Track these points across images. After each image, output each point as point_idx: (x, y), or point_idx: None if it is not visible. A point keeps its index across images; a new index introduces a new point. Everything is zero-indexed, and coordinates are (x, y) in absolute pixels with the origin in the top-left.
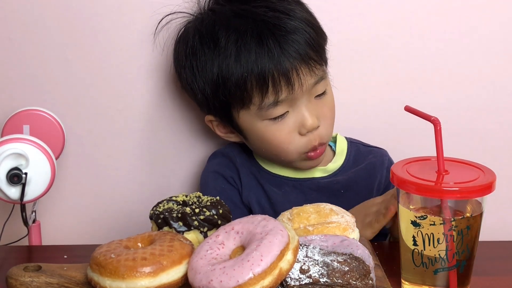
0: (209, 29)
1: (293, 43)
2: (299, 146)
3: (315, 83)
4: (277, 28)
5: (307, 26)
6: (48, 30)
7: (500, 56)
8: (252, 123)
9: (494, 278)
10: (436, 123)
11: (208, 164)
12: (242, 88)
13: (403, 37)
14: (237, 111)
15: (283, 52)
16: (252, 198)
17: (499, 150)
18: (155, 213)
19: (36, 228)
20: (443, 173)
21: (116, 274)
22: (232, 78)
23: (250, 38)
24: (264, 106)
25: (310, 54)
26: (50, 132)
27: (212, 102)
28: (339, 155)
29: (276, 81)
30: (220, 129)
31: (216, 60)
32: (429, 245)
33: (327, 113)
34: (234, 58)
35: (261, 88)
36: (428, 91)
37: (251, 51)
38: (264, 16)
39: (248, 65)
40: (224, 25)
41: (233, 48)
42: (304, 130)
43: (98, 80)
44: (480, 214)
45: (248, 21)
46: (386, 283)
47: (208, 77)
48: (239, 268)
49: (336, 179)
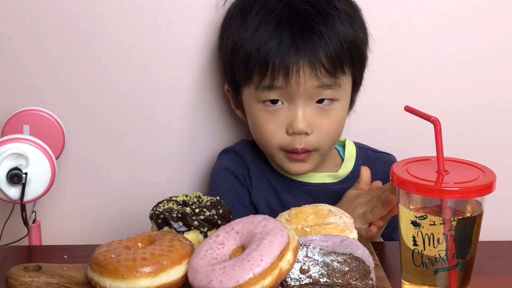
0: (250, 2)
1: (308, 43)
2: (281, 143)
3: (317, 87)
4: (301, 21)
5: (337, 40)
6: (48, 30)
7: (500, 56)
8: (250, 102)
9: (494, 278)
10: (436, 123)
11: (219, 160)
12: (246, 63)
13: (403, 37)
14: (242, 86)
15: (292, 43)
16: (260, 199)
17: (499, 150)
18: (155, 213)
19: (36, 228)
20: (443, 173)
21: (116, 274)
22: (242, 50)
23: (272, 20)
24: (260, 88)
25: (321, 59)
26: (50, 132)
27: (227, 71)
28: (348, 160)
29: (275, 68)
30: (233, 101)
31: (239, 30)
32: (429, 245)
33: (325, 126)
34: (250, 33)
35: (261, 69)
36: (428, 91)
37: (266, 31)
38: (298, 7)
39: (258, 43)
40: (262, 2)
41: (255, 23)
42: (291, 130)
43: (98, 80)
44: (480, 214)
45: (281, 4)
46: (386, 283)
47: (229, 44)
48: (239, 268)
49: (347, 186)
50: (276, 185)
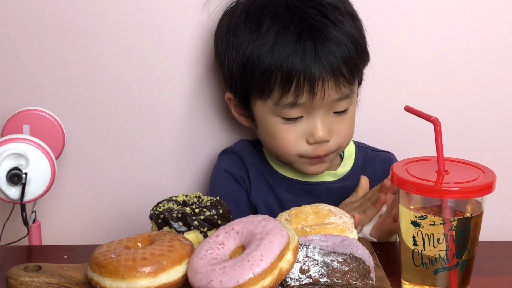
0: (257, 12)
1: (329, 53)
2: (302, 152)
3: (338, 99)
4: (319, 34)
5: (349, 42)
6: (48, 30)
7: (500, 56)
8: (265, 115)
9: (494, 278)
10: (436, 123)
11: (219, 161)
12: (266, 79)
13: (403, 37)
14: (255, 99)
15: (316, 58)
16: (259, 200)
17: (499, 150)
18: (155, 213)
19: (36, 228)
20: (443, 173)
21: (116, 274)
22: (260, 66)
23: (291, 34)
24: (281, 104)
25: (342, 70)
26: (50, 132)
27: (235, 82)
28: (348, 159)
29: (300, 84)
30: (236, 109)
31: (252, 44)
32: (429, 245)
33: (342, 130)
34: (268, 48)
35: (284, 85)
36: (428, 91)
37: (287, 47)
38: (312, 18)
39: (280, 59)
40: (272, 13)
41: (271, 37)
42: (312, 140)
43: (98, 80)
44: (480, 214)
45: (295, 17)
46: (386, 283)
47: (239, 57)
48: (239, 268)
49: (346, 184)
50: (275, 185)
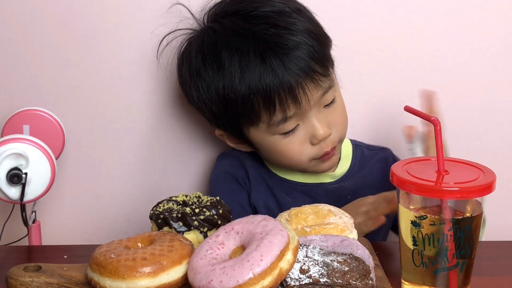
0: (211, 50)
1: (296, 60)
2: (311, 155)
3: (322, 94)
4: (278, 46)
5: (310, 39)
6: (48, 30)
7: (500, 56)
8: (262, 138)
9: (494, 278)
10: (436, 123)
11: (218, 164)
12: (249, 107)
13: (403, 37)
14: (247, 127)
15: (286, 70)
16: (259, 201)
17: (499, 150)
18: (155, 213)
19: (36, 228)
20: (443, 173)
21: (116, 274)
22: (238, 98)
23: (253, 58)
24: (273, 123)
25: (314, 68)
26: (50, 132)
27: (220, 119)
28: (345, 159)
29: (282, 99)
30: (231, 140)
31: (220, 81)
32: (429, 245)
33: (338, 119)
34: (238, 79)
35: (268, 106)
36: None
37: (255, 71)
38: (265, 34)
39: (253, 85)
40: (225, 46)
41: (236, 68)
42: (316, 140)
43: (99, 80)
44: (480, 214)
45: (249, 40)
46: (386, 283)
47: (214, 97)
48: (239, 268)
49: (344, 185)
50: (274, 187)
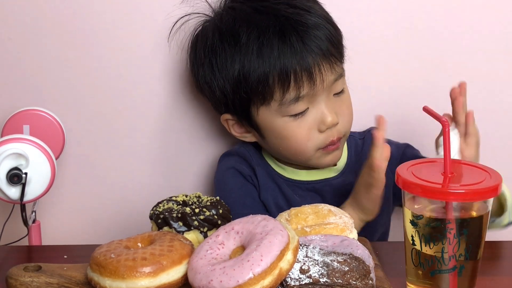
0: (229, 26)
1: (315, 38)
2: (317, 143)
3: (334, 80)
4: (299, 24)
5: (326, 23)
6: (48, 30)
7: (500, 56)
8: (271, 120)
9: (494, 278)
10: (445, 125)
11: (222, 163)
12: (264, 83)
13: (403, 37)
14: (257, 108)
15: (305, 47)
16: (269, 199)
17: (499, 150)
18: (155, 213)
19: (36, 228)
20: (449, 175)
21: (116, 274)
22: (254, 74)
23: (273, 34)
24: (285, 102)
25: (331, 50)
26: (50, 132)
27: (231, 100)
28: (343, 151)
29: (298, 76)
30: (235, 128)
31: (237, 57)
32: (426, 246)
33: (345, 110)
34: (256, 54)
35: (283, 83)
36: (428, 91)
37: (274, 47)
38: (285, 12)
39: (271, 60)
40: (245, 22)
41: (255, 44)
42: (324, 127)
43: (98, 80)
44: (485, 214)
45: (269, 17)
46: (386, 283)
47: (229, 74)
48: (239, 268)
49: (347, 179)
50: (282, 184)
